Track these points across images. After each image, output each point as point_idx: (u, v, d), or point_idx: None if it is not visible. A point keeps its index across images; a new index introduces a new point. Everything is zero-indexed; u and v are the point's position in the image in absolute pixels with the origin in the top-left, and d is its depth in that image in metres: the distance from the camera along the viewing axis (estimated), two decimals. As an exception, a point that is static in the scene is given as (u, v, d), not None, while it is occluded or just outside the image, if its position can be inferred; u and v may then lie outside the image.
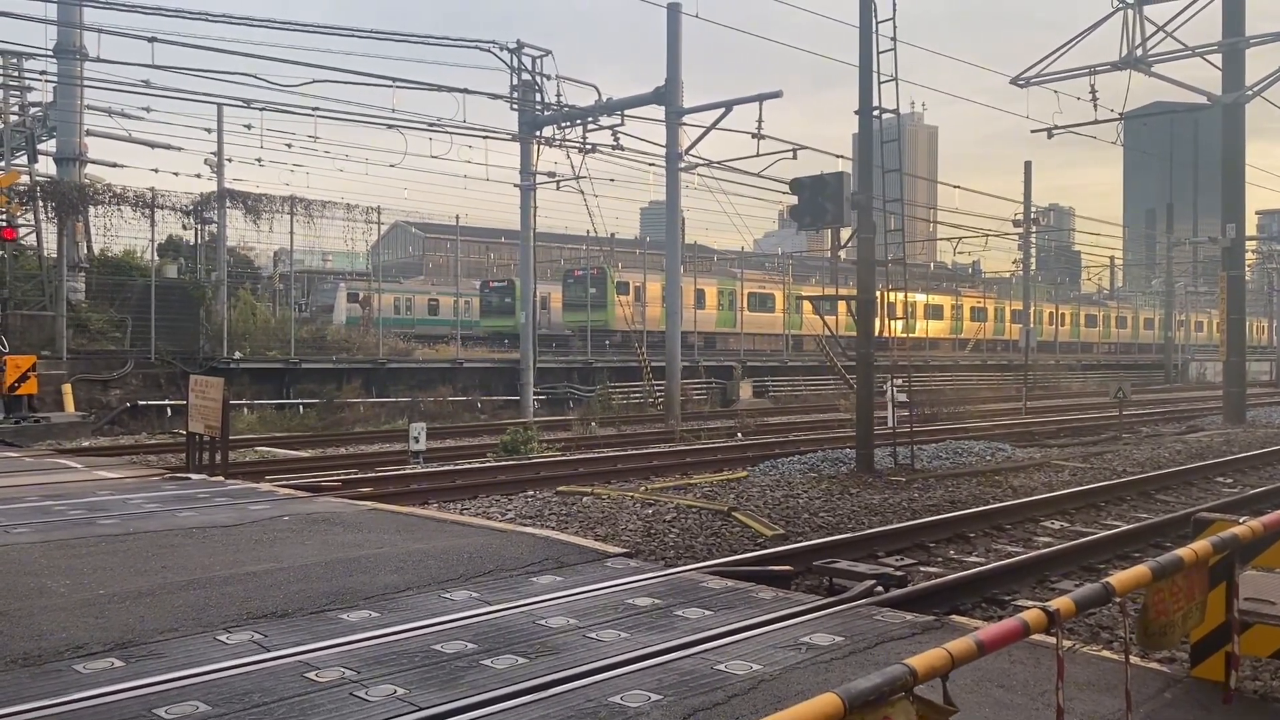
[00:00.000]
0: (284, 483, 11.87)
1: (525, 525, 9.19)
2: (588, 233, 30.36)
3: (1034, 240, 53.41)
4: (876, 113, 14.45)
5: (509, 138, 27.85)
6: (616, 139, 26.85)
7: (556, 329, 42.18)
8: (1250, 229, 25.54)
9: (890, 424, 15.59)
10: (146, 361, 24.43)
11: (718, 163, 27.39)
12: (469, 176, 45.16)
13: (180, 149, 33.89)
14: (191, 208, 27.94)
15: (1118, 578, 3.22)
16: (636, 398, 30.72)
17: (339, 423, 24.51)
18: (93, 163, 29.96)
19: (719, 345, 41.71)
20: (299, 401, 26.03)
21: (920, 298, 49.91)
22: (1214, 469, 15.27)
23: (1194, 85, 24.11)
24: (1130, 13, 21.88)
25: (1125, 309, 72.19)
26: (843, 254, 17.23)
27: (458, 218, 33.92)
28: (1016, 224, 48.77)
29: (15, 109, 31.34)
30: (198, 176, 33.48)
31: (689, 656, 4.74)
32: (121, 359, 24.22)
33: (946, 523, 10.20)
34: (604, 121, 27.07)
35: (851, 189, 14.40)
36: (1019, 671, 4.57)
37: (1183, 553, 3.59)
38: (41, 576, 6.30)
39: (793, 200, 15.27)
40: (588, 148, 27.49)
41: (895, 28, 14.47)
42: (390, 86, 23.28)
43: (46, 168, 29.47)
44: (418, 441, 16.13)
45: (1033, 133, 25.09)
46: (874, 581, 6.82)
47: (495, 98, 26.42)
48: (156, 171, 49.35)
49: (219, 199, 28.43)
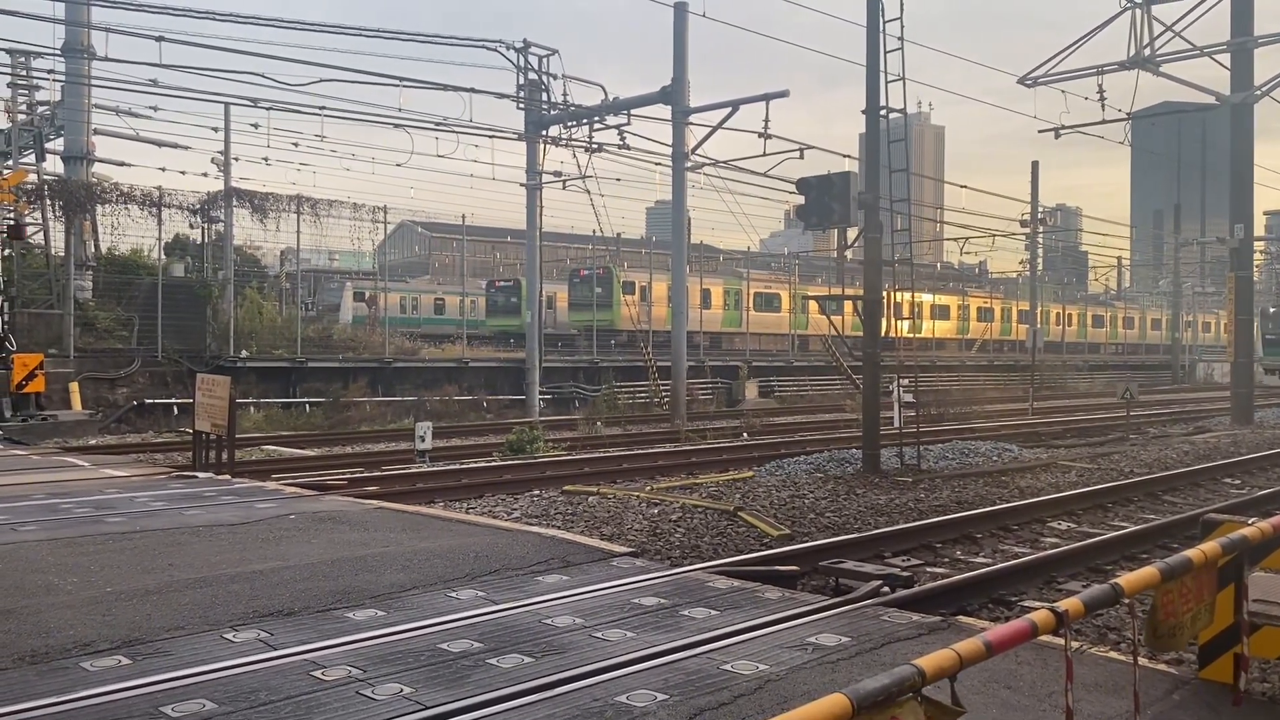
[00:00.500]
0: (290, 481, 11.89)
1: (531, 524, 9.19)
2: (594, 232, 30.38)
3: (1041, 240, 53.31)
4: (884, 112, 14.43)
5: (515, 137, 27.87)
6: (623, 138, 26.85)
7: (562, 328, 42.18)
8: (1259, 229, 25.46)
9: (897, 424, 15.57)
10: (153, 360, 24.49)
11: (724, 162, 27.41)
12: (475, 176, 45.26)
13: (187, 148, 33.90)
14: (198, 206, 28.01)
15: (1126, 579, 3.21)
16: (642, 397, 30.73)
17: (345, 421, 24.55)
18: (100, 161, 30.10)
19: (724, 345, 41.69)
20: (305, 400, 26.08)
21: (927, 298, 49.88)
22: (1222, 470, 15.21)
23: (1202, 85, 24.06)
24: (1138, 12, 21.83)
25: (1132, 309, 72.00)
26: (849, 254, 17.20)
27: (464, 217, 33.97)
28: (1023, 224, 48.70)
29: (23, 108, 31.44)
30: (205, 175, 33.54)
31: (695, 656, 4.73)
32: (128, 357, 24.29)
33: (953, 523, 10.17)
34: (610, 121, 27.06)
35: (858, 189, 14.38)
36: (1026, 672, 4.55)
37: (1192, 554, 3.57)
38: (49, 574, 6.31)
39: (799, 200, 15.25)
40: (594, 147, 27.49)
41: (903, 27, 14.44)
42: (397, 86, 23.33)
43: (54, 166, 29.63)
44: (423, 440, 16.15)
45: (1040, 132, 25.05)
46: (880, 582, 6.81)
47: (502, 97, 26.46)
48: (164, 170, 49.61)
49: (226, 198, 28.47)
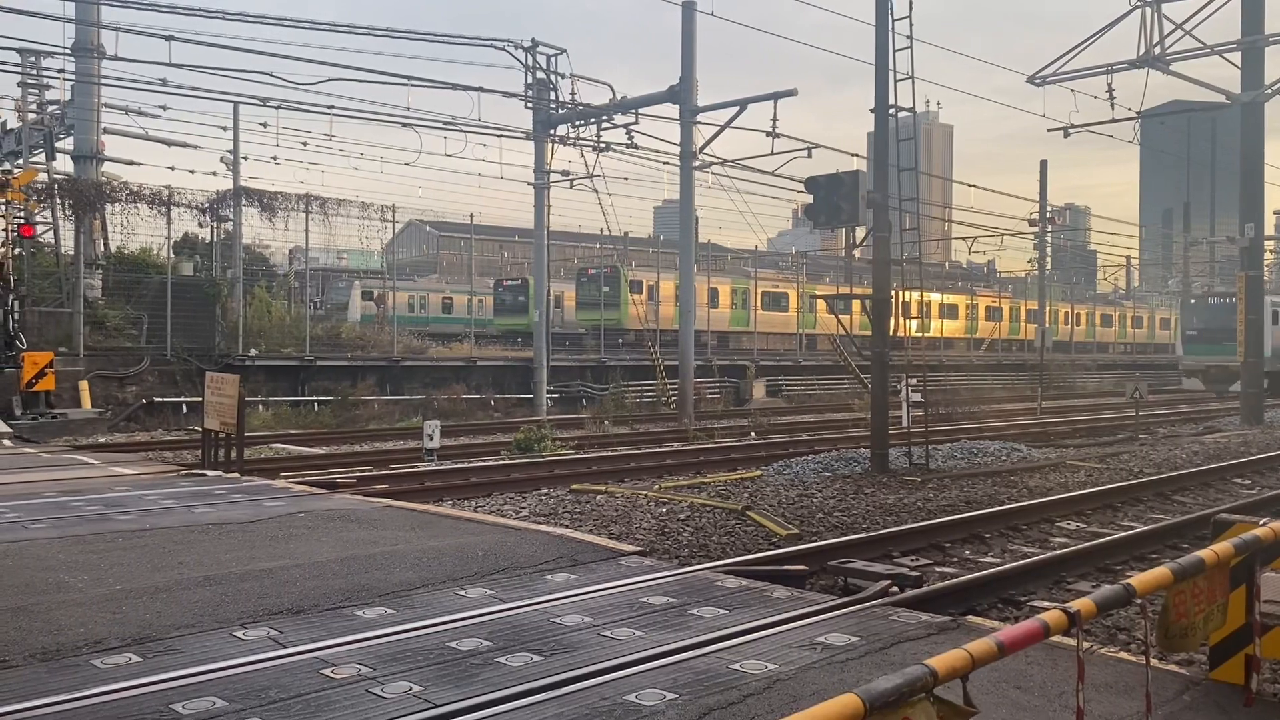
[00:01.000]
0: (299, 479, 11.91)
1: (539, 523, 9.20)
2: (601, 231, 30.39)
3: (1049, 239, 53.18)
4: (892, 111, 14.40)
5: (523, 136, 27.87)
6: (631, 137, 26.85)
7: (570, 327, 42.21)
8: (1269, 228, 25.34)
9: (905, 424, 15.54)
10: (162, 358, 24.56)
11: (732, 161, 27.39)
12: (483, 175, 45.36)
13: (197, 147, 34.03)
14: (207, 205, 28.08)
15: (1139, 579, 3.20)
16: (650, 396, 30.73)
17: (353, 420, 24.59)
18: (110, 160, 30.21)
19: (732, 344, 41.66)
20: (314, 399, 26.13)
21: (935, 297, 49.77)
22: (1231, 470, 15.15)
23: (1212, 84, 23.96)
24: (1148, 10, 21.73)
25: (1141, 309, 71.77)
26: (857, 253, 17.16)
27: (472, 216, 34.01)
28: (1032, 223, 48.59)
29: (34, 107, 31.57)
30: (214, 174, 33.72)
31: (704, 655, 4.73)
32: (138, 356, 24.36)
33: (962, 523, 10.15)
34: (618, 120, 27.05)
35: (867, 188, 14.35)
36: (1036, 672, 4.54)
37: (1204, 554, 3.56)
38: (59, 572, 6.34)
39: (807, 199, 15.23)
40: (602, 146, 27.49)
41: (911, 26, 14.42)
42: (405, 85, 23.39)
43: (64, 165, 29.72)
44: (432, 439, 16.17)
45: (1049, 131, 24.98)
46: (889, 582, 6.79)
47: (510, 96, 26.47)
48: (173, 169, 49.84)
49: (235, 197, 28.55)
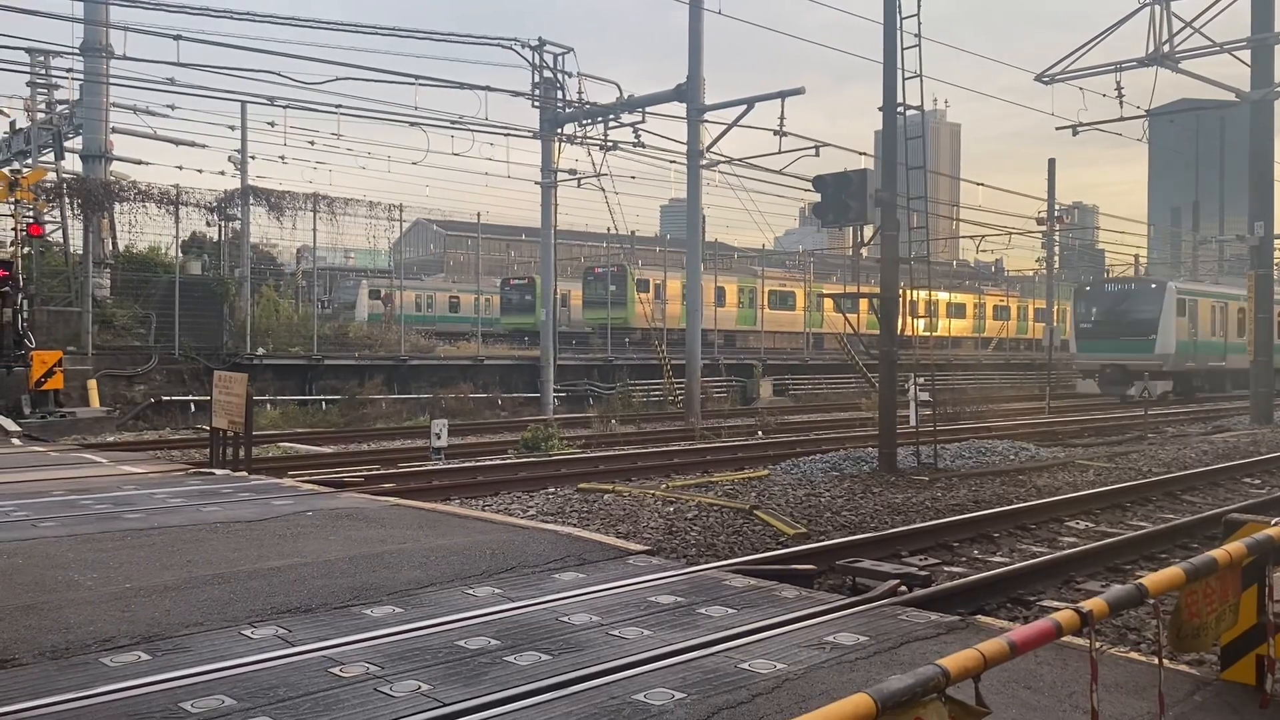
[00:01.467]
0: (307, 478, 11.94)
1: (547, 522, 9.19)
2: (608, 230, 30.35)
3: (1057, 238, 53.00)
4: (900, 109, 14.36)
5: (530, 135, 27.88)
6: (638, 136, 26.82)
7: (577, 326, 42.22)
8: (1278, 226, 25.17)
9: (913, 423, 15.51)
10: (171, 357, 24.62)
11: (739, 160, 27.35)
12: (490, 174, 45.41)
13: (204, 146, 34.22)
14: (215, 205, 28.14)
15: (1152, 578, 3.18)
16: (656, 395, 30.72)
17: (361, 419, 24.62)
18: (118, 160, 30.31)
19: (739, 343, 41.63)
20: (321, 398, 26.17)
21: (943, 296, 49.67)
22: (1241, 469, 15.09)
23: (1222, 82, 23.85)
24: (1157, 8, 21.63)
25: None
26: (864, 252, 17.11)
27: (479, 215, 34.06)
28: (1040, 222, 48.43)
29: (42, 107, 31.68)
30: (221, 174, 33.79)
31: (712, 655, 4.72)
32: (146, 355, 24.42)
33: (970, 522, 10.13)
34: (625, 119, 27.01)
35: (875, 186, 14.32)
36: (1046, 673, 4.52)
37: (1217, 554, 3.54)
38: (69, 570, 6.35)
39: (815, 197, 15.21)
40: (609, 145, 27.46)
41: (920, 24, 14.36)
42: (412, 84, 23.37)
43: (73, 165, 29.81)
44: (439, 438, 16.18)
45: (1057, 130, 24.87)
46: (898, 581, 6.78)
47: (516, 95, 26.47)
48: (181, 169, 49.90)
49: (242, 196, 28.60)
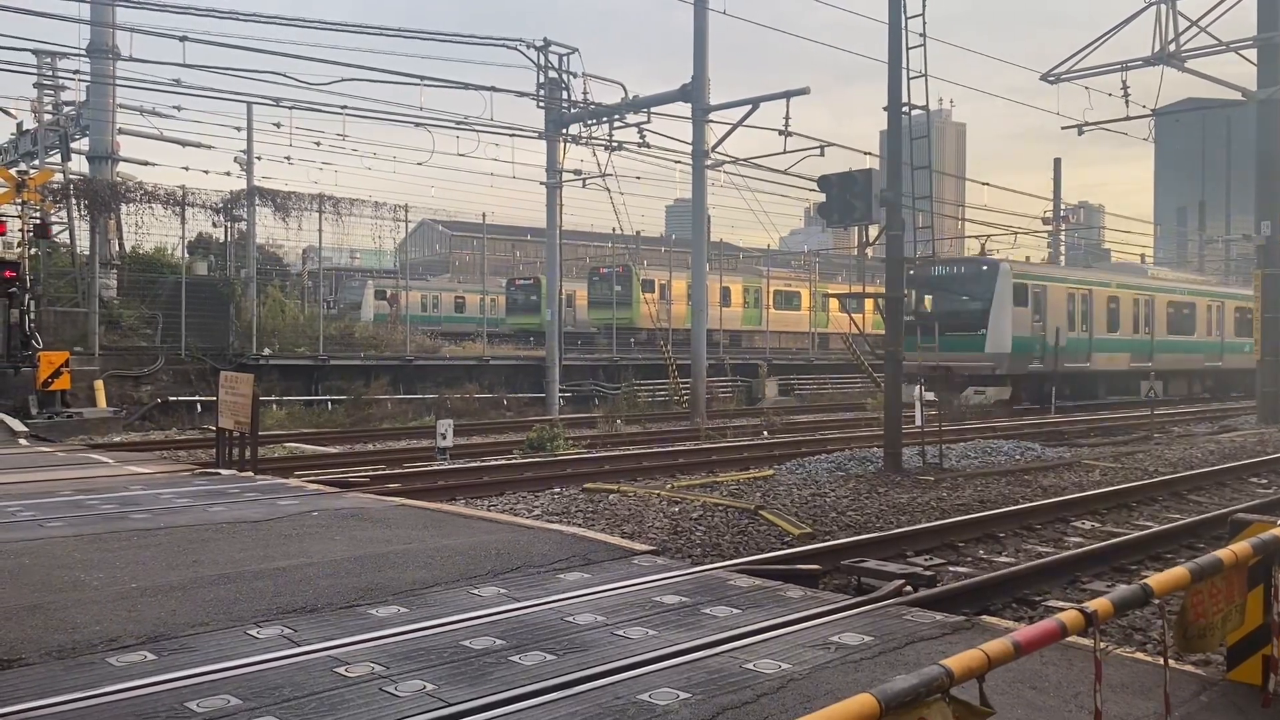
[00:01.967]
0: (313, 478, 11.95)
1: (552, 522, 9.20)
2: (613, 230, 30.42)
3: (1063, 238, 52.92)
4: (905, 109, 14.35)
5: (535, 136, 27.89)
6: (643, 136, 26.82)
7: (582, 326, 42.24)
8: (1286, 226, 25.05)
9: (918, 423, 15.50)
10: (177, 358, 24.67)
11: (744, 160, 27.36)
12: (495, 174, 45.37)
13: (211, 147, 34.22)
14: (221, 205, 28.21)
15: (1156, 579, 3.17)
16: (662, 395, 30.72)
17: (367, 419, 24.65)
18: (124, 161, 30.33)
19: (744, 343, 41.62)
20: (327, 398, 26.21)
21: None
22: (1247, 469, 15.05)
23: (1228, 81, 23.80)
24: (1163, 7, 21.59)
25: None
26: (870, 251, 17.11)
27: (484, 215, 34.11)
28: (1046, 221, 48.38)
29: (49, 108, 31.76)
30: (228, 174, 33.91)
31: (717, 655, 4.72)
32: (152, 355, 24.48)
33: (976, 522, 10.11)
34: (630, 119, 27.04)
35: (880, 186, 14.31)
36: (1051, 673, 4.51)
37: (1222, 554, 3.53)
38: (75, 570, 6.37)
39: (820, 197, 15.21)
40: (614, 145, 27.49)
41: (924, 24, 14.35)
42: (418, 85, 23.42)
43: (79, 166, 29.85)
44: (445, 438, 16.20)
45: (1063, 129, 24.86)
46: (903, 581, 6.77)
47: (522, 96, 26.49)
48: (187, 170, 50.03)
49: (249, 197, 28.67)
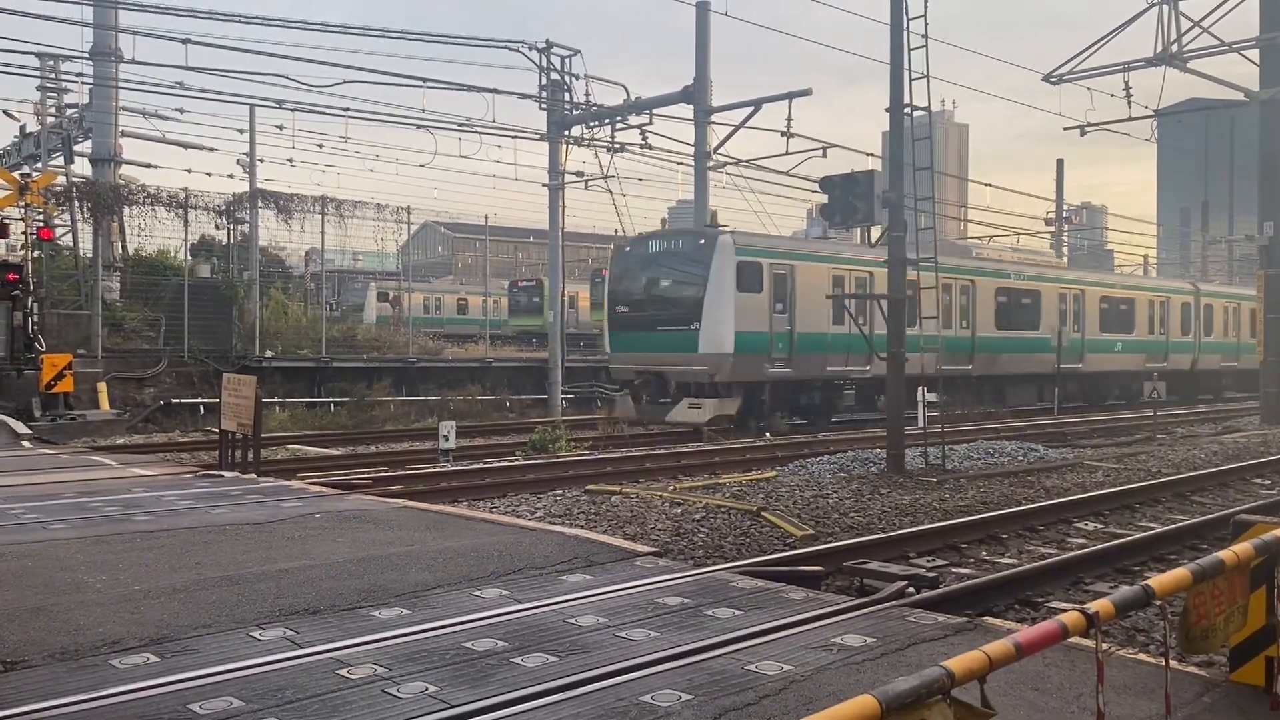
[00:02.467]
0: (315, 480, 11.95)
1: (554, 524, 9.20)
2: (616, 232, 30.39)
3: (1066, 239, 52.89)
4: (907, 110, 14.34)
5: (538, 137, 27.92)
6: (645, 138, 26.85)
7: (585, 328, 42.26)
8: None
9: (921, 424, 15.48)
10: (180, 360, 24.70)
11: (746, 161, 27.37)
12: (498, 176, 45.64)
13: (213, 150, 34.30)
14: (224, 208, 28.25)
15: (1158, 580, 3.17)
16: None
17: (369, 421, 24.65)
18: (127, 163, 30.43)
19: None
20: (330, 400, 26.22)
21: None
22: (1251, 470, 15.03)
23: (1231, 81, 23.78)
24: (1165, 8, 21.57)
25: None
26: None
27: (486, 217, 34.15)
28: (1048, 222, 48.35)
29: (52, 111, 31.83)
30: (230, 177, 33.92)
31: (719, 656, 4.72)
32: (155, 357, 24.51)
33: (978, 524, 10.10)
34: (632, 121, 27.08)
35: (882, 187, 14.31)
36: (1053, 674, 4.51)
37: (1224, 555, 3.53)
38: (78, 572, 6.38)
39: (822, 198, 15.22)
40: (616, 147, 27.50)
41: (926, 25, 14.35)
42: (420, 87, 23.47)
43: (82, 169, 29.96)
44: (447, 440, 16.20)
45: (1065, 130, 24.85)
46: (905, 582, 6.77)
47: (524, 97, 26.52)
48: (190, 172, 50.07)
49: (251, 199, 28.69)
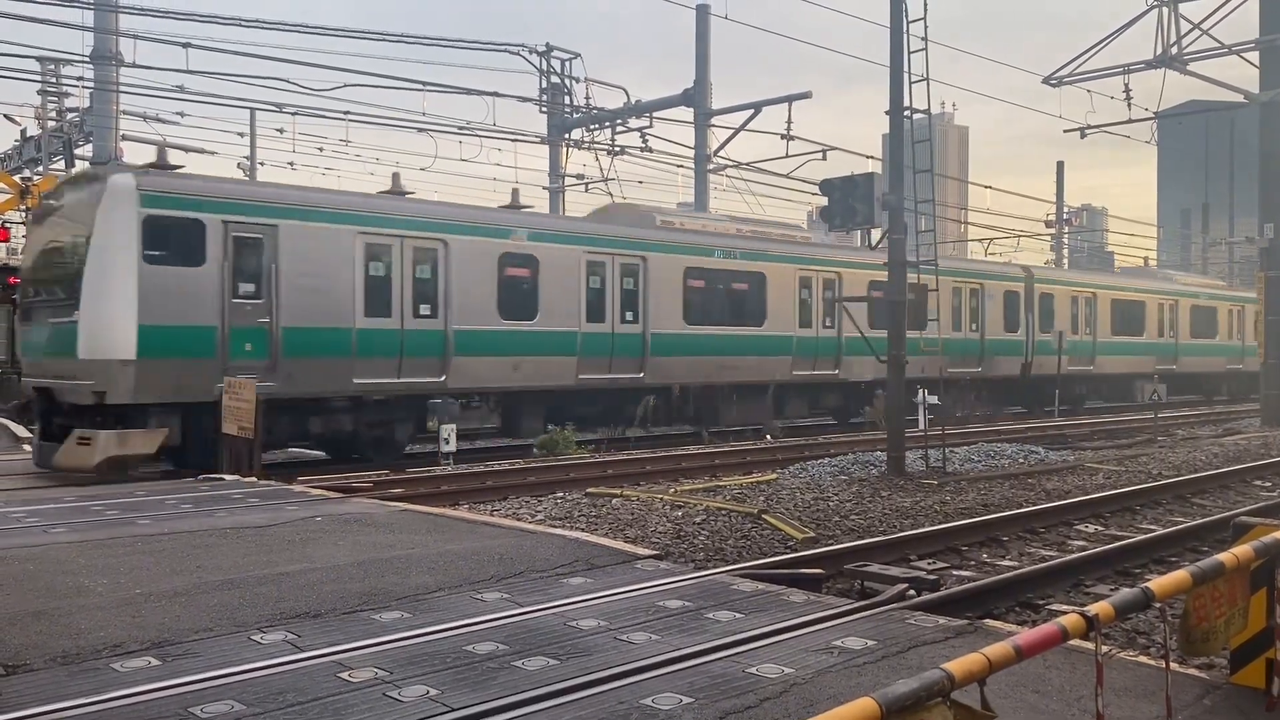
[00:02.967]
0: (316, 484, 11.96)
1: (555, 527, 9.20)
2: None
3: (1066, 241, 52.90)
4: (907, 113, 14.35)
5: (538, 140, 27.94)
6: (645, 141, 26.87)
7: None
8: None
9: (921, 426, 15.48)
10: (181, 363, 24.66)
11: (746, 164, 27.38)
12: (498, 179, 45.70)
13: (214, 153, 34.33)
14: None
15: (1157, 582, 3.18)
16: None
17: (370, 424, 24.58)
18: (128, 167, 30.37)
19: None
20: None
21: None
22: (1251, 472, 15.02)
23: (1231, 83, 23.79)
24: (1165, 10, 21.59)
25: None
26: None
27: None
28: (1049, 224, 48.37)
29: (53, 114, 31.84)
30: (231, 180, 33.78)
31: (720, 659, 4.73)
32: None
33: (979, 526, 10.10)
34: (633, 123, 27.11)
35: (882, 189, 14.31)
36: (1054, 676, 4.51)
37: (1224, 557, 3.53)
38: (79, 576, 6.38)
39: (822, 201, 15.21)
40: (616, 150, 27.53)
41: (926, 28, 14.36)
42: (420, 90, 23.47)
43: (83, 172, 29.90)
44: (448, 443, 16.20)
45: (1065, 132, 24.85)
46: (906, 585, 6.78)
47: (524, 101, 26.56)
48: (190, 175, 49.94)
49: (252, 202, 28.65)
